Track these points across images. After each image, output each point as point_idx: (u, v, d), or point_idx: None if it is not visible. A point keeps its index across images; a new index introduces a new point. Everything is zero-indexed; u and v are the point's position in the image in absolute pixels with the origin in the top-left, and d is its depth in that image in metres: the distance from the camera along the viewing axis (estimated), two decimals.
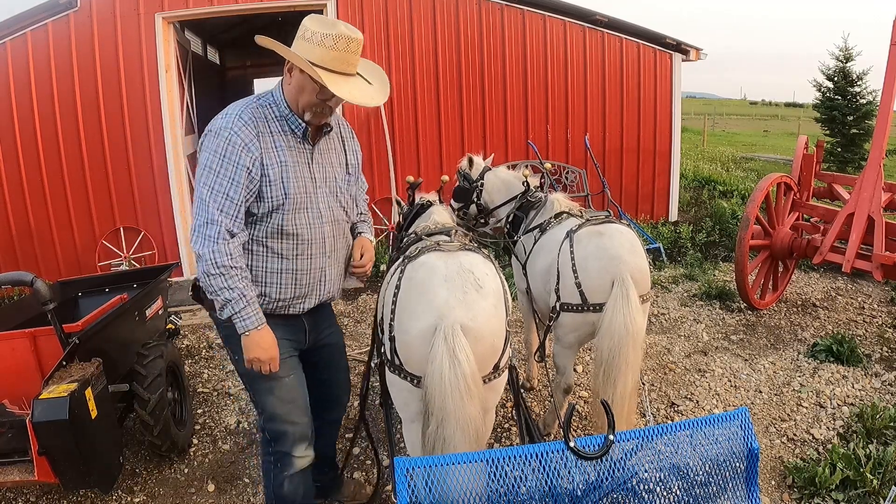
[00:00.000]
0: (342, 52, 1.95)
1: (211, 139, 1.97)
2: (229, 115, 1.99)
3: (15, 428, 2.70)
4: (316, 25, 1.96)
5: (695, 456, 1.77)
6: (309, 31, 1.96)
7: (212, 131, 1.98)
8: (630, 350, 2.59)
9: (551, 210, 3.31)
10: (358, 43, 1.98)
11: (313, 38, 1.94)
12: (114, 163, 6.44)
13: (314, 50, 1.94)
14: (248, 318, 2.01)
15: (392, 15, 6.78)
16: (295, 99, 2.05)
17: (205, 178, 1.97)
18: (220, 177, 1.95)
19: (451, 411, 1.95)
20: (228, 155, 1.95)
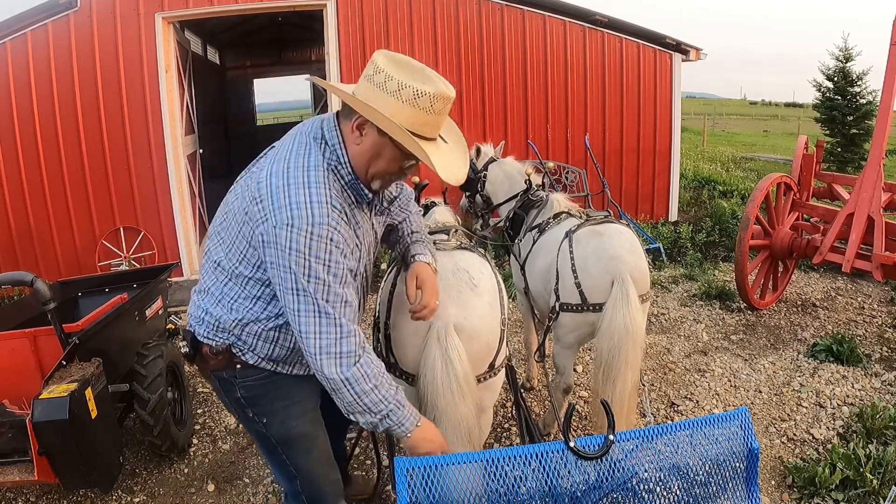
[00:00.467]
0: (438, 116, 1.57)
1: (304, 240, 1.53)
2: (316, 205, 1.55)
3: (15, 428, 2.70)
4: (405, 75, 1.54)
5: (695, 456, 1.77)
6: (396, 82, 1.52)
7: (297, 227, 1.53)
8: (630, 350, 2.59)
9: (551, 210, 3.31)
10: (452, 101, 1.61)
11: (402, 94, 1.52)
12: (114, 163, 6.44)
13: (402, 110, 1.52)
14: (407, 420, 1.69)
15: (392, 15, 6.78)
16: (365, 164, 1.65)
17: (315, 290, 1.57)
18: (333, 285, 1.59)
19: (442, 410, 1.95)
20: (335, 258, 1.58)
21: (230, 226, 1.73)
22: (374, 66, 1.56)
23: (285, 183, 1.57)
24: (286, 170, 1.60)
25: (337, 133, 1.65)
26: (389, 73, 1.54)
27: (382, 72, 1.54)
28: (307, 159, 1.61)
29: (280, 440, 1.93)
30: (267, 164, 1.67)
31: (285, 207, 1.54)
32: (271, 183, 1.59)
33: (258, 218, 1.60)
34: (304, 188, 1.56)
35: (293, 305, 1.60)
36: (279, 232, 1.54)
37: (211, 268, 1.83)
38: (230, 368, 1.84)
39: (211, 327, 1.82)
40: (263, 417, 1.90)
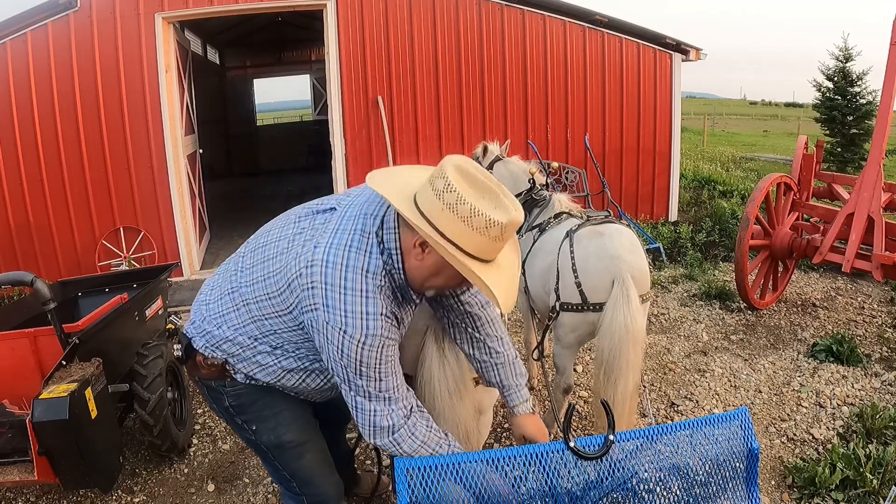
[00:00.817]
0: (499, 244, 1.52)
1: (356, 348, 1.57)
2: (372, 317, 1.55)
3: (15, 428, 2.70)
4: (478, 199, 1.47)
5: (695, 456, 1.77)
6: (468, 207, 1.45)
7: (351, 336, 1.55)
8: (630, 350, 2.59)
9: (552, 210, 3.31)
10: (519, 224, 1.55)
11: (473, 221, 1.45)
12: (114, 163, 6.44)
13: (472, 237, 1.47)
14: None
15: (392, 15, 6.78)
16: (421, 280, 1.63)
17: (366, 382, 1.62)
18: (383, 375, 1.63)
19: (440, 412, 1.96)
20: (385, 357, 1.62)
21: (270, 279, 1.70)
22: (445, 179, 1.47)
23: (342, 285, 1.55)
24: (345, 269, 1.56)
25: (395, 237, 1.60)
26: (462, 196, 1.45)
27: (454, 191, 1.45)
28: (367, 262, 1.57)
29: (270, 447, 1.94)
30: (323, 244, 1.60)
31: (340, 312, 1.55)
32: (326, 276, 1.56)
33: (307, 304, 1.60)
34: (361, 297, 1.55)
35: (342, 387, 1.66)
36: (332, 332, 1.57)
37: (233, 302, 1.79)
38: (220, 379, 1.86)
39: (211, 346, 1.83)
40: (252, 425, 1.91)
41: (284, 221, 1.80)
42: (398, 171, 1.68)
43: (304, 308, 1.62)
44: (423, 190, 1.52)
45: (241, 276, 1.79)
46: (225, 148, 13.62)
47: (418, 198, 1.53)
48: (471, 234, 1.46)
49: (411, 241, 1.57)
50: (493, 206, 1.48)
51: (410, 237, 1.57)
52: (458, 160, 1.53)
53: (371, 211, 1.65)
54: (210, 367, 1.84)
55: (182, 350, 1.90)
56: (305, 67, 14.44)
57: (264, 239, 1.80)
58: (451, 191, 1.45)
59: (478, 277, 1.49)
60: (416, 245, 1.56)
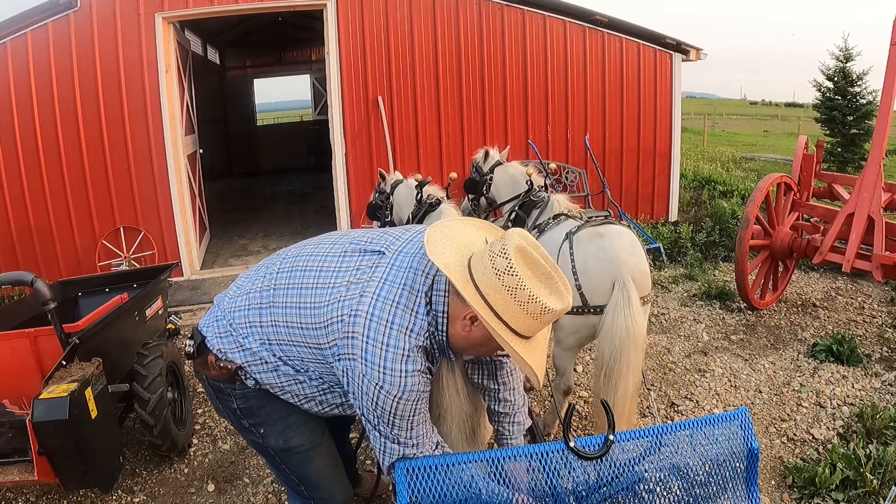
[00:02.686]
0: (545, 325, 1.57)
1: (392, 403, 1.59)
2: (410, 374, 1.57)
3: (15, 428, 2.70)
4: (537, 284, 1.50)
5: (695, 456, 1.77)
6: (527, 293, 1.47)
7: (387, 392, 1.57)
8: (631, 352, 2.58)
9: (551, 211, 3.31)
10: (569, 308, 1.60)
11: (530, 307, 1.48)
12: (114, 163, 6.43)
13: (525, 320, 1.50)
14: None
15: (392, 15, 6.78)
16: (464, 347, 1.67)
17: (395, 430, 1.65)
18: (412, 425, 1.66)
19: (446, 407, 1.96)
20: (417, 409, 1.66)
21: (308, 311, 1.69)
22: (507, 260, 1.48)
23: (385, 342, 1.56)
24: (389, 326, 1.56)
25: (444, 302, 1.61)
26: (523, 281, 1.47)
27: (516, 275, 1.47)
28: (412, 322, 1.58)
29: (278, 451, 1.93)
30: (370, 295, 1.60)
31: (379, 369, 1.56)
32: (370, 329, 1.57)
33: (345, 351, 1.61)
34: (402, 355, 1.56)
35: (372, 432, 1.68)
36: (368, 385, 1.58)
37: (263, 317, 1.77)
38: (230, 382, 1.84)
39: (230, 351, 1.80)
40: (261, 429, 1.90)
41: (328, 250, 1.78)
42: (455, 231, 1.67)
43: (340, 354, 1.63)
44: (482, 263, 1.52)
45: (275, 293, 1.76)
46: (225, 148, 13.62)
47: (474, 269, 1.53)
48: (525, 317, 1.49)
49: (461, 312, 1.58)
50: (549, 293, 1.51)
51: (461, 308, 1.58)
52: (520, 240, 1.52)
53: (423, 268, 1.64)
54: (221, 369, 1.81)
55: (194, 347, 1.86)
56: (305, 67, 14.44)
57: (304, 262, 1.77)
58: (512, 274, 1.47)
59: (521, 358, 1.52)
60: (465, 318, 1.57)
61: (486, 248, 1.54)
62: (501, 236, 1.56)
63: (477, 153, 4.09)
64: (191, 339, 1.89)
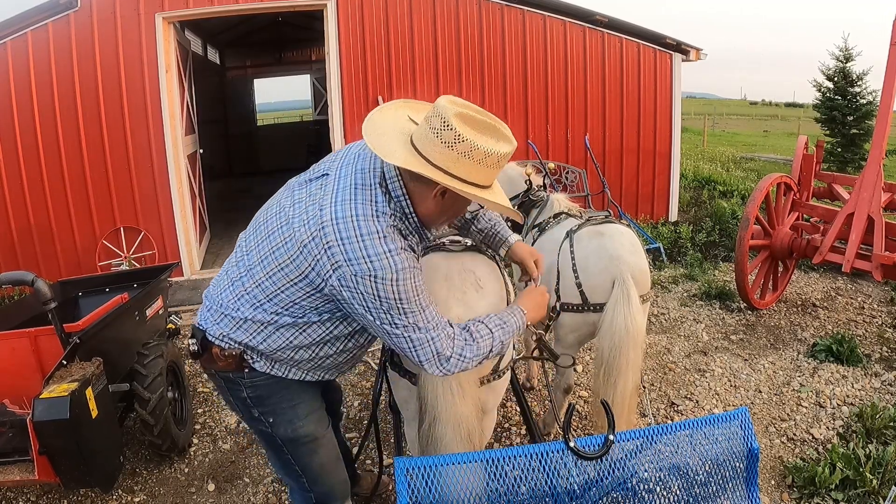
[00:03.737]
0: (496, 169, 1.66)
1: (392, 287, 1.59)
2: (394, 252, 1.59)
3: (16, 427, 2.70)
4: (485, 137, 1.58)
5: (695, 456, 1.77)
6: (482, 151, 1.56)
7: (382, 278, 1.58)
8: (631, 350, 2.59)
9: (551, 210, 3.31)
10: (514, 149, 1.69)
11: (488, 160, 1.58)
12: (114, 163, 6.44)
13: (479, 170, 1.59)
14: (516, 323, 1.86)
15: (392, 15, 6.78)
16: (436, 218, 1.75)
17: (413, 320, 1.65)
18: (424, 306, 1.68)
19: (442, 409, 1.94)
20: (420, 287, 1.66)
21: (279, 251, 1.70)
22: (452, 131, 1.54)
23: (358, 233, 1.58)
24: (355, 218, 1.59)
25: (400, 185, 1.66)
26: (474, 142, 1.55)
27: (465, 139, 1.55)
28: (375, 208, 1.62)
29: (286, 440, 1.94)
30: (328, 205, 1.64)
31: (364, 259, 1.57)
32: (340, 232, 1.59)
33: (328, 266, 1.61)
34: (378, 238, 1.58)
35: (394, 332, 1.66)
36: (363, 282, 1.58)
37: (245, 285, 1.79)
38: (238, 370, 1.85)
39: (231, 331, 1.81)
40: (269, 417, 1.91)
41: (280, 196, 1.83)
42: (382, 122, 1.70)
43: (324, 272, 1.62)
44: (429, 142, 1.58)
45: (248, 258, 1.79)
46: (225, 148, 13.62)
47: (423, 150, 1.58)
48: (484, 170, 1.59)
49: (428, 191, 1.64)
50: (496, 141, 1.60)
51: (425, 188, 1.64)
52: (454, 107, 1.58)
53: (366, 167, 1.69)
54: (227, 358, 1.83)
55: (197, 344, 1.87)
56: (305, 67, 14.43)
57: (263, 216, 1.82)
58: (462, 140, 1.55)
59: (494, 203, 1.64)
60: (436, 195, 1.64)
61: (426, 127, 1.58)
62: (432, 110, 1.59)
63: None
64: (192, 339, 1.89)
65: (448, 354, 1.70)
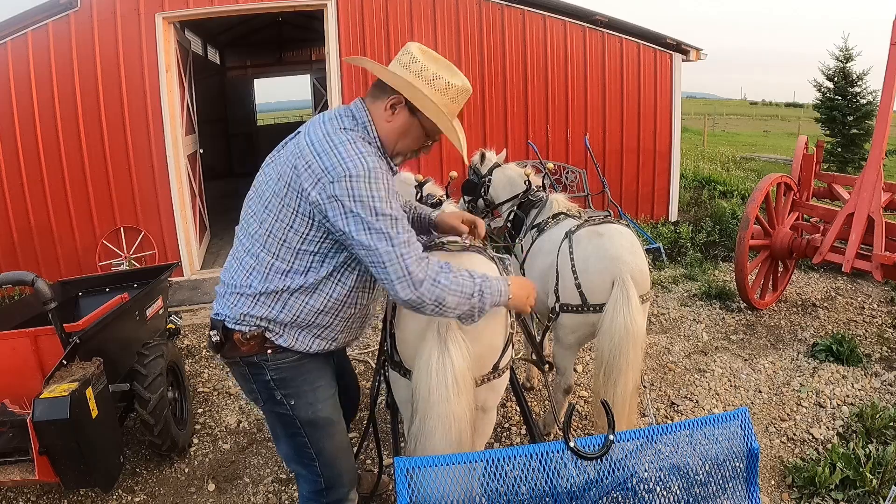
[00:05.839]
0: (459, 106, 1.85)
1: (365, 184, 1.66)
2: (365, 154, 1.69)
3: (16, 427, 2.70)
4: (438, 67, 1.81)
5: (695, 456, 1.77)
6: (430, 73, 1.79)
7: (356, 175, 1.65)
8: (630, 350, 2.59)
9: (550, 210, 3.31)
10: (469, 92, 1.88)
11: (435, 84, 1.79)
12: (114, 162, 6.44)
13: (435, 96, 1.79)
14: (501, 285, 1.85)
15: (392, 15, 6.78)
16: (394, 141, 1.84)
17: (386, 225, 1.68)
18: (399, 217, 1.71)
19: (434, 404, 1.88)
20: (392, 194, 1.72)
21: (271, 203, 1.80)
22: (409, 55, 1.80)
23: (331, 145, 1.71)
24: (327, 135, 1.74)
25: (365, 112, 1.82)
26: (425, 64, 1.79)
27: (418, 62, 1.79)
28: (343, 125, 1.78)
29: (305, 422, 1.98)
30: (302, 139, 1.79)
31: (339, 162, 1.68)
32: (316, 149, 1.72)
33: (310, 181, 1.70)
34: (350, 144, 1.71)
35: (369, 244, 1.69)
36: (340, 184, 1.67)
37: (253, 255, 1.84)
38: (262, 353, 1.89)
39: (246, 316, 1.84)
40: (291, 399, 1.95)
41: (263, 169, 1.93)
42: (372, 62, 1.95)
43: (310, 189, 1.70)
44: (392, 66, 1.83)
45: (248, 228, 1.87)
46: (225, 148, 13.62)
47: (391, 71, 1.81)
48: (434, 93, 1.78)
49: (383, 107, 1.81)
50: (450, 74, 1.82)
51: (381, 104, 1.81)
52: (418, 44, 1.85)
53: (332, 112, 1.85)
54: (250, 340, 1.86)
55: (219, 333, 1.89)
56: (305, 67, 14.43)
57: (251, 192, 1.94)
58: (415, 62, 1.79)
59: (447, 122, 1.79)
60: (387, 108, 1.80)
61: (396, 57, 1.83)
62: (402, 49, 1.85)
63: (474, 155, 4.10)
64: (212, 330, 1.91)
65: (421, 277, 1.70)
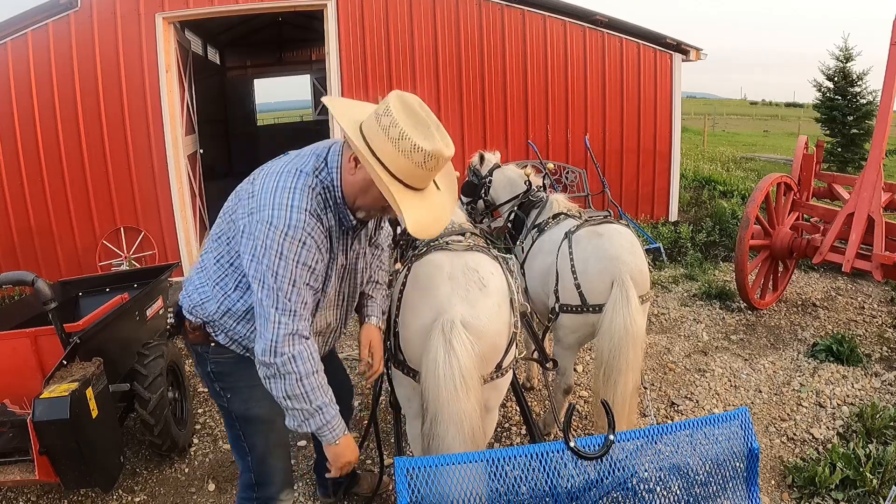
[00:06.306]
0: (428, 172, 1.64)
1: (276, 237, 1.63)
2: (296, 210, 1.64)
3: (16, 427, 2.71)
4: (410, 125, 1.61)
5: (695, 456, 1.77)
6: (398, 130, 1.59)
7: (275, 227, 1.63)
8: (630, 350, 2.59)
9: (550, 211, 3.31)
10: (448, 159, 1.68)
11: (400, 144, 1.59)
12: (114, 163, 6.44)
13: (397, 159, 1.60)
14: (338, 424, 1.82)
15: (392, 15, 6.78)
16: (354, 195, 1.75)
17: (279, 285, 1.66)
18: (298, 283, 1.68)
19: (444, 402, 1.92)
20: (303, 261, 1.67)
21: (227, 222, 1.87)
22: (385, 106, 1.63)
23: (275, 185, 1.69)
24: (280, 173, 1.72)
25: (339, 159, 1.75)
26: (396, 119, 1.60)
27: (390, 115, 1.61)
28: (301, 169, 1.72)
29: (239, 417, 2.05)
30: (269, 164, 1.81)
31: (269, 206, 1.66)
32: (264, 183, 1.72)
33: (245, 211, 1.74)
34: (289, 192, 1.67)
35: (258, 293, 1.70)
36: (259, 227, 1.67)
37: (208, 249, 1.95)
38: (205, 344, 1.97)
39: (193, 308, 1.94)
40: (228, 393, 2.02)
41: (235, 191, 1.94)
42: (357, 104, 1.84)
43: (242, 217, 1.74)
44: (370, 115, 1.68)
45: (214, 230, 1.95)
46: (225, 148, 13.62)
47: (364, 122, 1.68)
48: (397, 155, 1.60)
49: (347, 157, 1.72)
50: (421, 136, 1.62)
51: (347, 154, 1.73)
52: (403, 94, 1.68)
53: (316, 147, 1.82)
54: (195, 330, 1.95)
55: (174, 317, 2.03)
56: (305, 67, 14.43)
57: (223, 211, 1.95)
58: (387, 115, 1.61)
59: (390, 193, 1.61)
60: (350, 160, 1.71)
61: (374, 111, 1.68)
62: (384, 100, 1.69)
63: (473, 156, 4.11)
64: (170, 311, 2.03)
65: (283, 351, 1.68)
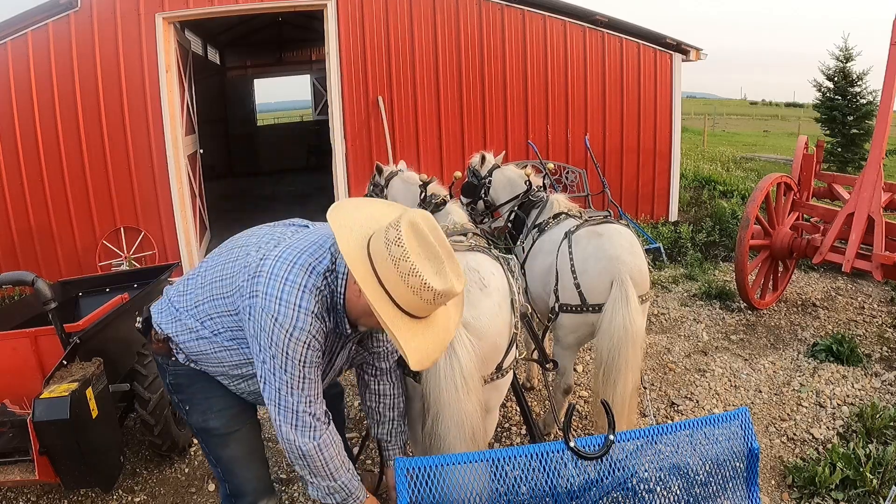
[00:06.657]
0: (432, 306, 1.57)
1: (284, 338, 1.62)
2: (304, 311, 1.61)
3: (16, 427, 2.71)
4: (421, 259, 1.52)
5: (695, 456, 1.77)
6: (409, 264, 1.49)
7: (280, 324, 1.61)
8: (630, 350, 2.59)
9: (551, 210, 3.31)
10: (458, 295, 1.61)
11: (409, 280, 1.50)
12: (114, 163, 6.44)
13: (405, 293, 1.52)
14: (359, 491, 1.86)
15: (392, 15, 6.78)
16: (355, 316, 1.72)
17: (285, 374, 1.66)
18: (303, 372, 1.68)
19: (445, 404, 1.93)
20: (308, 356, 1.67)
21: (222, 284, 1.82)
22: (397, 231, 1.52)
23: (285, 277, 1.63)
24: (292, 265, 1.65)
25: (344, 276, 1.69)
26: (407, 252, 1.50)
27: (401, 245, 1.51)
28: (314, 267, 1.66)
29: (198, 430, 2.05)
30: (282, 247, 1.72)
31: (276, 300, 1.62)
32: (274, 268, 1.65)
33: (249, 291, 1.69)
34: (298, 290, 1.62)
35: (262, 376, 1.71)
36: (265, 318, 1.63)
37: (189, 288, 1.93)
38: (167, 356, 1.97)
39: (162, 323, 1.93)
40: (186, 406, 2.02)
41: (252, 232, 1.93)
42: (366, 206, 1.74)
43: (244, 297, 1.71)
44: (379, 233, 1.57)
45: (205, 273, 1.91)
46: (225, 148, 13.62)
47: (373, 239, 1.58)
48: (405, 289, 1.51)
49: (353, 279, 1.60)
50: (432, 272, 1.52)
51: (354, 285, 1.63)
52: (417, 216, 1.57)
53: (329, 243, 1.73)
54: (158, 342, 1.95)
55: (142, 321, 2.04)
56: (305, 67, 14.44)
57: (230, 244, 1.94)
58: (399, 245, 1.51)
59: (391, 331, 1.53)
60: (355, 282, 1.59)
61: (389, 222, 1.58)
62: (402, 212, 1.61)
63: (473, 157, 4.11)
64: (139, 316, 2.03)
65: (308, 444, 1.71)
